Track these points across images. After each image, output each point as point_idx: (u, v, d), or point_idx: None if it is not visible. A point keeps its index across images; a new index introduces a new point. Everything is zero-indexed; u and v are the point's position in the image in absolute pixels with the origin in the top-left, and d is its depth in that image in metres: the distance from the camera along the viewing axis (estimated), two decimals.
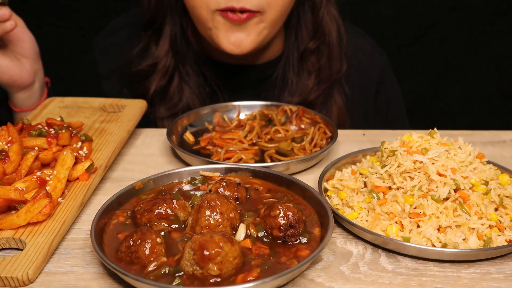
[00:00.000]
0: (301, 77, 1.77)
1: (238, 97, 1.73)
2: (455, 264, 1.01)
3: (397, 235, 1.04)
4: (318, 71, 1.76)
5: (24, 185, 1.09)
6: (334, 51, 1.75)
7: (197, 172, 1.20)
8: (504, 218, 1.07)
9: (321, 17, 1.72)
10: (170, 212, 1.03)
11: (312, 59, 1.76)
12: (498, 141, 1.50)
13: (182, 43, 1.74)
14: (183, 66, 1.75)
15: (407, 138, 1.19)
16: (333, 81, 1.77)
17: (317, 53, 1.76)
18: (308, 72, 1.76)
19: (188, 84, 1.75)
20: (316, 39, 1.74)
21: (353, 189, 1.17)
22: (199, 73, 1.77)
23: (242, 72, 1.79)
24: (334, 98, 1.79)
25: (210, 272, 0.88)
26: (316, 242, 0.99)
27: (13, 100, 1.65)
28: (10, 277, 0.91)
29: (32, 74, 1.60)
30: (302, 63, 1.76)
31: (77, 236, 1.08)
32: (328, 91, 1.77)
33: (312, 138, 1.44)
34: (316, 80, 1.75)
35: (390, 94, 1.95)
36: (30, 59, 1.59)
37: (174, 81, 1.74)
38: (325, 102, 1.78)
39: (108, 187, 1.27)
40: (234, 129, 1.50)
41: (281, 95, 1.79)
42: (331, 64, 1.76)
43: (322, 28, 1.73)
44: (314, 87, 1.75)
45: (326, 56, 1.75)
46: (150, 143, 1.50)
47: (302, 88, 1.76)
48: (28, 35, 1.56)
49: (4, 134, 1.21)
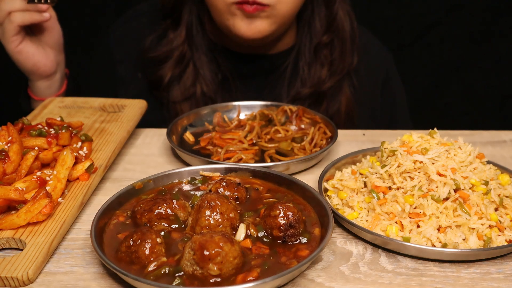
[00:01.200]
0: (313, 68, 1.80)
1: (249, 85, 1.81)
2: (455, 264, 1.01)
3: (397, 235, 1.04)
4: (331, 63, 1.79)
5: (24, 185, 1.09)
6: (347, 45, 1.79)
7: (197, 172, 1.20)
8: (504, 218, 1.07)
9: (336, 11, 1.75)
10: (170, 212, 1.03)
11: (325, 51, 1.80)
12: (498, 141, 1.50)
13: (198, 31, 1.79)
14: (197, 54, 1.80)
15: (407, 138, 1.19)
16: (345, 74, 1.81)
17: (330, 46, 1.79)
18: (321, 63, 1.80)
19: (202, 70, 1.79)
20: (330, 33, 1.78)
21: (353, 189, 1.17)
22: (212, 61, 1.82)
23: (254, 61, 1.83)
24: (344, 90, 1.82)
25: (210, 272, 0.88)
26: (316, 242, 0.99)
27: (33, 88, 1.73)
28: (10, 277, 0.91)
29: (55, 64, 1.69)
30: (315, 55, 1.80)
31: (77, 236, 1.08)
32: (339, 83, 1.81)
33: (312, 138, 1.44)
34: (328, 72, 1.79)
35: (395, 91, 1.98)
36: (55, 50, 1.68)
37: (189, 67, 1.79)
38: (335, 93, 1.82)
39: (108, 187, 1.27)
40: (234, 129, 1.50)
41: (291, 84, 1.82)
42: (343, 58, 1.79)
43: (336, 22, 1.76)
44: (327, 78, 1.79)
45: (339, 49, 1.79)
46: (150, 143, 1.49)
47: (315, 79, 1.79)
48: (57, 27, 1.66)
49: (4, 134, 1.21)
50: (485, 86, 2.86)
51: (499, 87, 2.86)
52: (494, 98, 2.89)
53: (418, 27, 2.74)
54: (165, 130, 1.44)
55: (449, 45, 2.76)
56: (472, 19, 2.70)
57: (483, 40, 2.75)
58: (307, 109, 1.55)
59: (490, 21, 2.71)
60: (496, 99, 2.89)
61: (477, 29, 2.73)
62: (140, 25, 1.87)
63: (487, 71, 2.82)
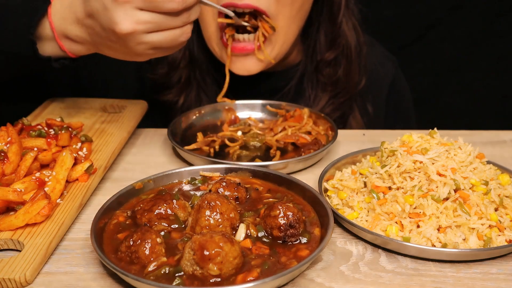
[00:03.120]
0: (316, 89, 1.70)
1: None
2: (455, 264, 1.00)
3: (397, 235, 1.04)
4: (335, 83, 1.68)
5: (23, 186, 1.09)
6: (353, 63, 1.66)
7: (197, 172, 1.20)
8: (504, 218, 1.07)
9: (339, 25, 1.63)
10: (170, 212, 1.03)
11: (328, 70, 1.67)
12: (498, 141, 1.50)
13: (199, 51, 1.70)
14: (201, 76, 1.71)
15: (407, 138, 1.19)
16: (352, 96, 1.70)
17: (334, 64, 1.67)
18: (323, 84, 1.69)
19: (206, 94, 1.72)
20: (334, 49, 1.65)
21: (353, 189, 1.17)
22: (213, 82, 1.74)
23: (258, 81, 1.71)
24: (354, 114, 1.72)
25: (210, 272, 0.88)
26: (316, 242, 0.99)
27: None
28: (8, 278, 0.91)
29: None
30: (317, 75, 1.69)
31: (77, 236, 1.08)
32: (348, 106, 1.70)
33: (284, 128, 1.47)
34: (332, 94, 1.69)
35: (400, 100, 1.89)
36: None
37: (192, 92, 1.71)
38: (341, 116, 1.71)
39: (108, 187, 1.27)
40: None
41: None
42: (349, 77, 1.67)
43: (340, 37, 1.64)
44: (330, 101, 1.68)
45: (344, 68, 1.66)
46: (150, 143, 1.49)
47: (317, 101, 1.69)
48: None
49: (3, 134, 1.21)
50: (485, 86, 2.86)
51: (499, 87, 2.85)
52: (494, 98, 2.88)
53: (418, 27, 2.74)
54: (165, 130, 1.44)
55: (449, 45, 2.76)
56: (472, 19, 2.69)
57: (483, 40, 2.75)
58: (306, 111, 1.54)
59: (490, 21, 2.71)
60: (496, 99, 2.89)
61: (477, 29, 2.72)
62: None
63: (487, 71, 2.82)
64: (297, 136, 1.43)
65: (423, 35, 2.75)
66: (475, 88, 2.86)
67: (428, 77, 2.85)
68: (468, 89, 2.86)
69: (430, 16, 2.72)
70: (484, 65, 2.80)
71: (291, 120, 1.50)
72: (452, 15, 2.70)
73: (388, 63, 1.88)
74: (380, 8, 2.66)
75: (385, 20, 2.65)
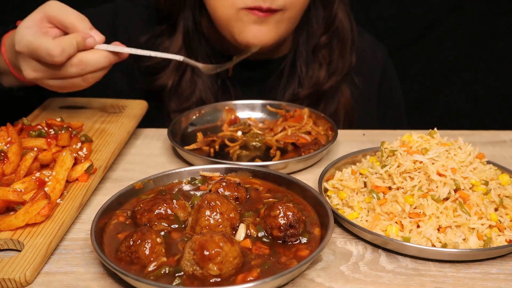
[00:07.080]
0: (311, 68, 1.78)
1: (249, 90, 1.77)
2: (455, 264, 1.00)
3: (397, 235, 1.04)
4: (329, 63, 1.78)
5: (23, 186, 1.09)
6: (346, 45, 1.77)
7: (197, 172, 1.20)
8: (504, 218, 1.07)
9: (335, 12, 1.73)
10: (170, 212, 1.03)
11: (324, 52, 1.77)
12: (498, 141, 1.50)
13: (195, 37, 1.75)
14: (196, 60, 1.73)
15: (407, 138, 1.19)
16: (345, 74, 1.80)
17: (329, 47, 1.77)
18: (319, 64, 1.78)
19: (201, 77, 1.76)
20: (329, 34, 1.76)
21: (353, 189, 1.17)
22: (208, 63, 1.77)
23: (254, 67, 1.80)
24: (343, 90, 1.81)
25: (210, 272, 0.88)
26: (316, 242, 0.99)
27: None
28: (8, 278, 0.91)
29: None
30: (313, 56, 1.78)
31: (77, 236, 1.08)
32: (338, 84, 1.80)
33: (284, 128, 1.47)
34: (327, 73, 1.77)
35: (391, 88, 1.97)
36: None
37: (186, 74, 1.75)
38: (333, 94, 1.80)
39: (108, 187, 1.27)
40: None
41: (289, 85, 1.79)
42: (343, 58, 1.78)
43: (336, 23, 1.75)
44: (326, 78, 1.77)
45: (338, 50, 1.77)
46: (150, 143, 1.49)
47: (313, 79, 1.77)
48: None
49: (3, 134, 1.21)
50: (485, 86, 2.86)
51: (499, 87, 2.85)
52: (494, 98, 2.88)
53: (418, 27, 2.74)
54: (165, 130, 1.44)
55: (449, 45, 2.76)
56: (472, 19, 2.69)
57: (483, 40, 2.75)
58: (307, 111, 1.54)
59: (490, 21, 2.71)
60: (496, 99, 2.89)
61: (477, 29, 2.72)
62: (130, 25, 1.80)
63: (487, 71, 2.82)
64: (297, 136, 1.43)
65: (423, 35, 2.75)
66: (475, 88, 2.86)
67: (428, 77, 2.85)
68: (468, 89, 2.86)
69: (430, 16, 2.72)
70: (484, 65, 2.79)
71: (291, 120, 1.50)
72: (452, 15, 2.70)
73: (378, 50, 1.96)
74: (380, 8, 2.66)
75: (385, 20, 2.66)
